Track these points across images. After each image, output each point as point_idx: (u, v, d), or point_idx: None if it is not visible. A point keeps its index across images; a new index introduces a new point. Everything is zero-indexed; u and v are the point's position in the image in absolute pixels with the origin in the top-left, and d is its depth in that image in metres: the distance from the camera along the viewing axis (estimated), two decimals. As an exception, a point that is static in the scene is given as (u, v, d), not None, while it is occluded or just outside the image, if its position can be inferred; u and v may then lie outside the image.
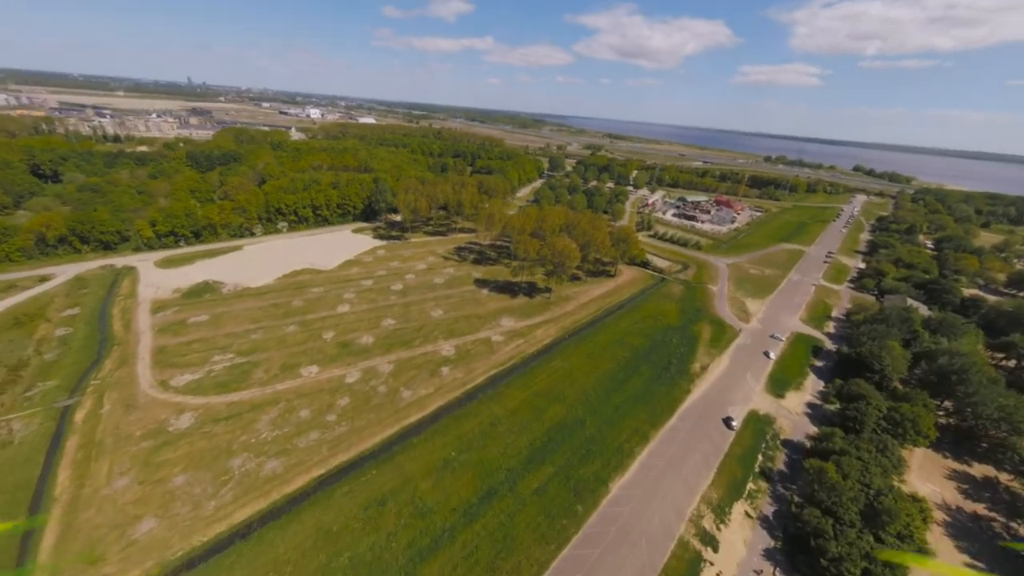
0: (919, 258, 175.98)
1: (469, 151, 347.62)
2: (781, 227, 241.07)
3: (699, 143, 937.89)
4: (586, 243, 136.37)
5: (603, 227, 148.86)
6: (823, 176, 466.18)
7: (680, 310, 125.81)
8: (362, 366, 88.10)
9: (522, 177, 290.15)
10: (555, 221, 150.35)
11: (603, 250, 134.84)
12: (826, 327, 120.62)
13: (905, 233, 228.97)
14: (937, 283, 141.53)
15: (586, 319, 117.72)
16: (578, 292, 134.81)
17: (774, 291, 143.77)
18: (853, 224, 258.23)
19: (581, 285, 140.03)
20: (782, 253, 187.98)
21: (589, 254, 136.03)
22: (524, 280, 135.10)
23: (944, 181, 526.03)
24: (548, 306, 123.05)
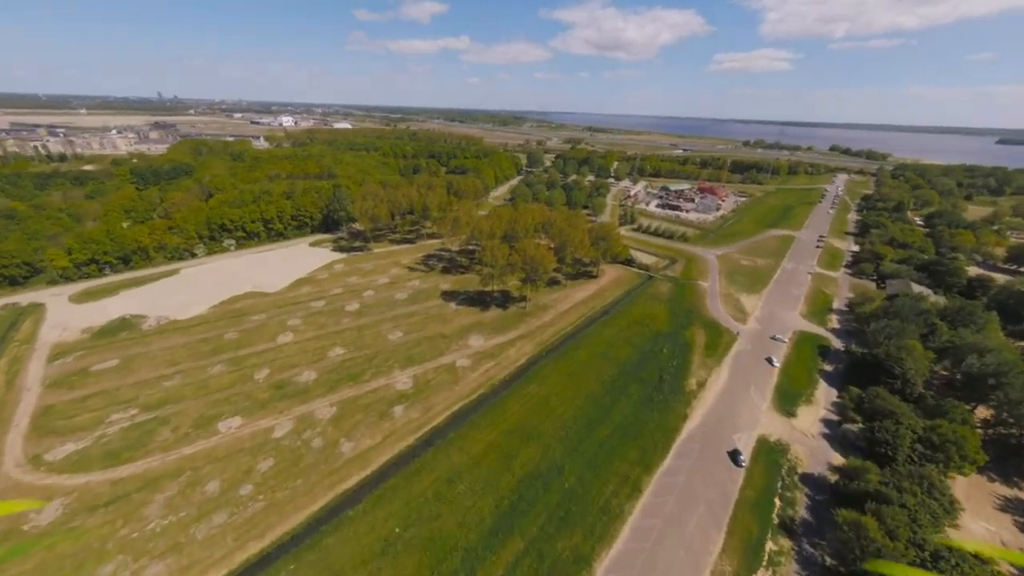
0: (913, 237, 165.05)
1: (444, 151, 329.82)
2: (767, 212, 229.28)
3: (678, 132, 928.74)
4: (563, 244, 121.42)
5: (581, 225, 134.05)
6: (803, 158, 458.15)
7: (670, 312, 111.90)
8: (297, 412, 72.14)
9: (499, 175, 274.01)
10: (529, 221, 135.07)
11: (582, 250, 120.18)
12: (829, 322, 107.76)
13: (893, 211, 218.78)
14: (940, 264, 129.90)
15: (566, 330, 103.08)
16: (557, 299, 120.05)
17: (769, 283, 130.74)
18: (839, 205, 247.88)
19: (560, 290, 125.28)
20: (772, 240, 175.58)
21: (566, 255, 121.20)
22: (497, 289, 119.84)
23: (919, 156, 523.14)
24: (523, 318, 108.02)
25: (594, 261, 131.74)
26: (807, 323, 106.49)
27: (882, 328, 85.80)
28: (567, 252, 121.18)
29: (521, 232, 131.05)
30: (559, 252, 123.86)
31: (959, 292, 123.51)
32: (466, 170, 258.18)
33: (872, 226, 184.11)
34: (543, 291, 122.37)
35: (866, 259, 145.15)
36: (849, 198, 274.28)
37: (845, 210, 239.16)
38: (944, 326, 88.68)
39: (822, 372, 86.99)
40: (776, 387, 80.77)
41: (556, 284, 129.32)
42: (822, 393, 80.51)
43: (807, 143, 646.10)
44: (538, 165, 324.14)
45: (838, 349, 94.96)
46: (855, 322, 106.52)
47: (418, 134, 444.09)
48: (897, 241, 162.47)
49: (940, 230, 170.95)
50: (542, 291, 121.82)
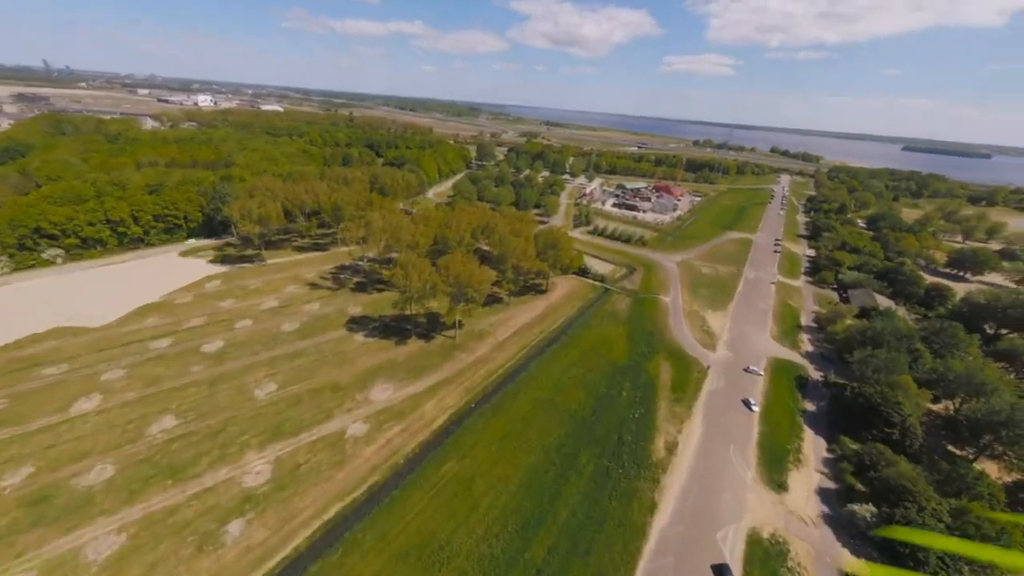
0: (862, 240, 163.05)
1: (383, 140, 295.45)
2: (723, 212, 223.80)
3: (634, 129, 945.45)
4: (503, 255, 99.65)
5: (527, 231, 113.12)
6: (749, 158, 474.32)
7: (629, 337, 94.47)
8: (53, 553, 44.15)
9: (443, 169, 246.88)
10: (465, 226, 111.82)
11: (526, 262, 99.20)
12: (801, 343, 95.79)
13: (837, 212, 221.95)
14: (899, 272, 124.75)
15: (505, 366, 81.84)
16: (497, 322, 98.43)
17: (734, 296, 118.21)
18: (788, 206, 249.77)
19: (502, 311, 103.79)
20: (730, 244, 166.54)
21: (508, 268, 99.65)
22: (421, 313, 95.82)
23: (845, 159, 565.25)
24: (451, 352, 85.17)
25: (543, 273, 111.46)
26: (779, 346, 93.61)
27: (867, 360, 73.11)
28: (508, 264, 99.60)
29: (454, 239, 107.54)
30: (499, 264, 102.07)
31: (917, 302, 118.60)
32: (405, 162, 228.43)
33: (823, 229, 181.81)
34: (480, 313, 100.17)
35: (825, 266, 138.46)
36: (795, 199, 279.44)
37: (793, 211, 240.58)
38: (927, 352, 78.23)
39: (805, 414, 72.97)
40: (758, 443, 64.87)
41: (497, 302, 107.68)
42: (810, 446, 65.90)
43: (750, 144, 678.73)
44: (489, 159, 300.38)
45: (816, 380, 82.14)
46: (827, 343, 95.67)
47: (356, 120, 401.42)
48: (849, 245, 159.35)
49: (885, 233, 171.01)
50: (479, 313, 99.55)
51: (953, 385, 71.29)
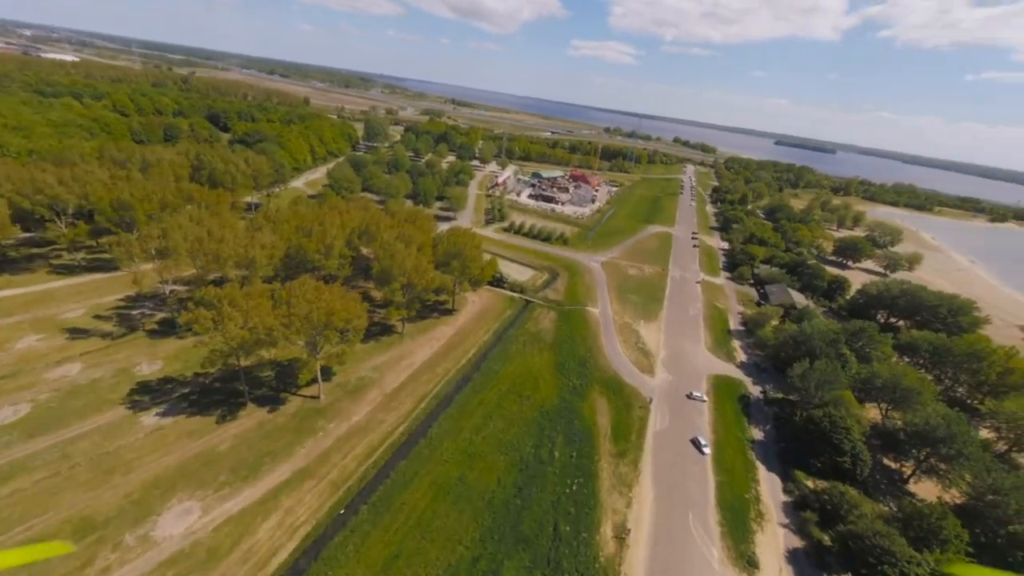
0: (766, 232, 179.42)
1: (231, 111, 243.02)
2: (640, 204, 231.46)
3: (545, 113, 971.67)
4: (388, 270, 79.01)
5: (422, 236, 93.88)
6: (658, 148, 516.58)
7: (557, 367, 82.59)
8: None
9: (319, 150, 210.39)
10: (337, 231, 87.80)
11: (420, 278, 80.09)
12: (735, 352, 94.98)
13: (739, 203, 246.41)
14: (804, 265, 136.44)
15: (394, 436, 62.90)
16: (385, 365, 78.04)
17: (663, 300, 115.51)
18: (697, 197, 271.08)
19: (394, 346, 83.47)
20: (652, 239, 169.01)
21: (395, 291, 79.15)
22: (264, 363, 70.47)
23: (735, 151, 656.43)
24: (312, 422, 62.76)
25: (447, 290, 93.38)
26: (716, 359, 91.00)
27: (807, 375, 71.70)
28: (397, 283, 79.37)
29: (316, 252, 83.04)
30: (383, 283, 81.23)
31: (822, 294, 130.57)
32: (262, 139, 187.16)
33: (732, 221, 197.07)
34: (360, 354, 78.56)
35: (741, 260, 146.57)
36: (702, 189, 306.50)
37: (703, 202, 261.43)
38: (852, 356, 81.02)
39: (754, 445, 68.75)
40: (717, 501, 57.32)
41: (388, 333, 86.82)
42: (767, 489, 60.81)
43: (656, 134, 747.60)
44: (381, 139, 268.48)
45: (757, 398, 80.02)
46: (758, 349, 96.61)
47: (194, 83, 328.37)
48: (756, 237, 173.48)
49: (783, 224, 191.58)
50: (357, 355, 77.85)
51: (880, 391, 73.63)
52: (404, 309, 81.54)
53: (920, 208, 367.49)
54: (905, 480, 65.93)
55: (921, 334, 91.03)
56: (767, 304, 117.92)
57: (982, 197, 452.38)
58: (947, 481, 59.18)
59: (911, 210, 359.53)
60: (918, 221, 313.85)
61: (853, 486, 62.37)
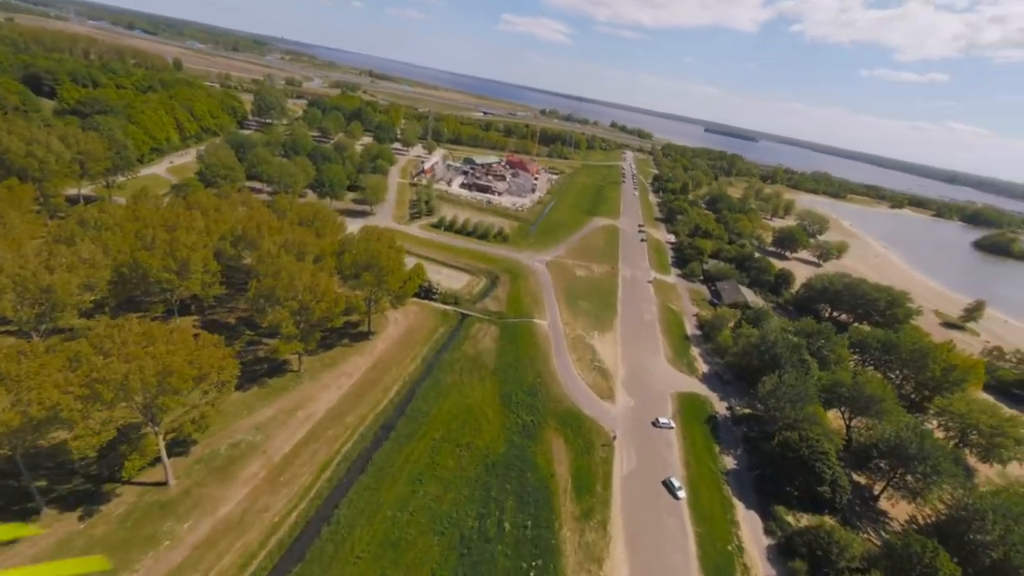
0: (710, 223, 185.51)
1: (62, 71, 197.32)
2: (583, 193, 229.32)
3: (476, 92, 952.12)
4: (270, 294, 62.62)
5: (322, 243, 77.84)
6: (596, 132, 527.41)
7: (502, 399, 72.71)
8: None
9: (189, 127, 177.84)
10: (194, 241, 68.56)
11: (318, 302, 64.78)
12: (696, 364, 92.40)
13: (680, 192, 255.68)
14: (751, 259, 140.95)
15: (281, 533, 48.66)
16: (271, 423, 62.27)
17: (616, 306, 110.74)
18: (639, 185, 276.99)
19: (287, 390, 67.49)
20: (599, 233, 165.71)
21: (284, 321, 63.01)
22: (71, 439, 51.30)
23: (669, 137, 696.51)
24: (154, 526, 46.28)
25: (357, 309, 78.32)
26: (678, 374, 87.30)
27: (776, 392, 69.47)
28: (284, 309, 63.28)
29: (161, 271, 63.72)
30: (263, 309, 64.66)
31: (769, 289, 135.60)
32: (107, 111, 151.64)
33: (677, 212, 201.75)
34: (240, 404, 61.82)
35: (690, 256, 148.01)
36: (643, 177, 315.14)
37: (645, 191, 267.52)
38: (814, 363, 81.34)
39: (728, 478, 64.80)
40: (701, 564, 51.29)
41: (281, 372, 70.32)
42: (749, 535, 56.52)
43: (593, 118, 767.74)
44: (277, 115, 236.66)
45: (723, 416, 77.08)
46: (718, 356, 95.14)
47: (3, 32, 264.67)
48: (701, 229, 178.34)
49: (725, 215, 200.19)
50: (236, 405, 61.13)
51: (844, 400, 73.98)
52: (298, 342, 65.78)
53: (835, 196, 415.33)
54: (875, 498, 66.15)
55: (871, 332, 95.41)
56: (720, 304, 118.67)
57: (882, 185, 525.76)
58: (920, 500, 59.23)
59: (828, 197, 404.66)
60: (834, 208, 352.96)
61: (832, 514, 60.72)
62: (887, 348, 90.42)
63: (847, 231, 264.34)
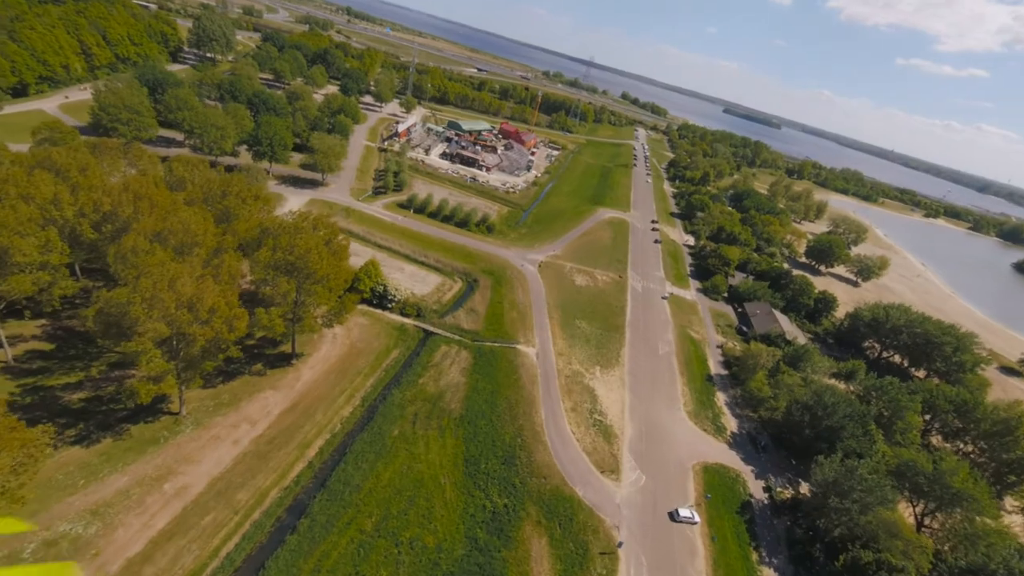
0: (735, 225, 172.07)
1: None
2: (587, 176, 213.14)
3: (471, 44, 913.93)
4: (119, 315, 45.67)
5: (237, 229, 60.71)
6: (606, 103, 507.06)
7: (467, 468, 58.39)
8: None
9: (100, 55, 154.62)
10: (27, 218, 50.72)
11: (197, 324, 48.21)
12: (723, 418, 79.19)
13: (700, 183, 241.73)
14: (787, 277, 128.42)
15: None
16: (117, 503, 46.64)
17: (624, 331, 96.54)
18: (652, 170, 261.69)
19: (153, 449, 51.52)
20: (605, 228, 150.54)
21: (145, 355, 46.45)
22: None
23: (684, 116, 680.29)
24: None
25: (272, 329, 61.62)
26: (700, 434, 73.90)
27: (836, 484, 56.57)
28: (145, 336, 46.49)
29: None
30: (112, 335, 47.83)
31: (806, 315, 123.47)
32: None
33: (697, 207, 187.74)
34: (78, 465, 45.86)
35: (713, 267, 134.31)
36: (657, 161, 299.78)
37: (659, 178, 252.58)
38: (879, 435, 68.79)
39: (770, 603, 51.78)
40: None
41: (152, 415, 53.91)
42: None
43: (602, 87, 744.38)
44: (220, 49, 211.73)
45: (762, 504, 64.07)
46: (748, 407, 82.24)
47: None
48: (725, 231, 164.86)
49: (753, 216, 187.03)
50: (71, 468, 45.18)
51: (919, 490, 61.84)
52: (170, 380, 49.38)
53: (866, 199, 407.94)
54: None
55: (944, 390, 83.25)
56: (751, 333, 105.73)
57: (916, 189, 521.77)
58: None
59: (858, 200, 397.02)
60: (866, 213, 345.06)
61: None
62: (961, 412, 78.75)
63: (883, 242, 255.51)
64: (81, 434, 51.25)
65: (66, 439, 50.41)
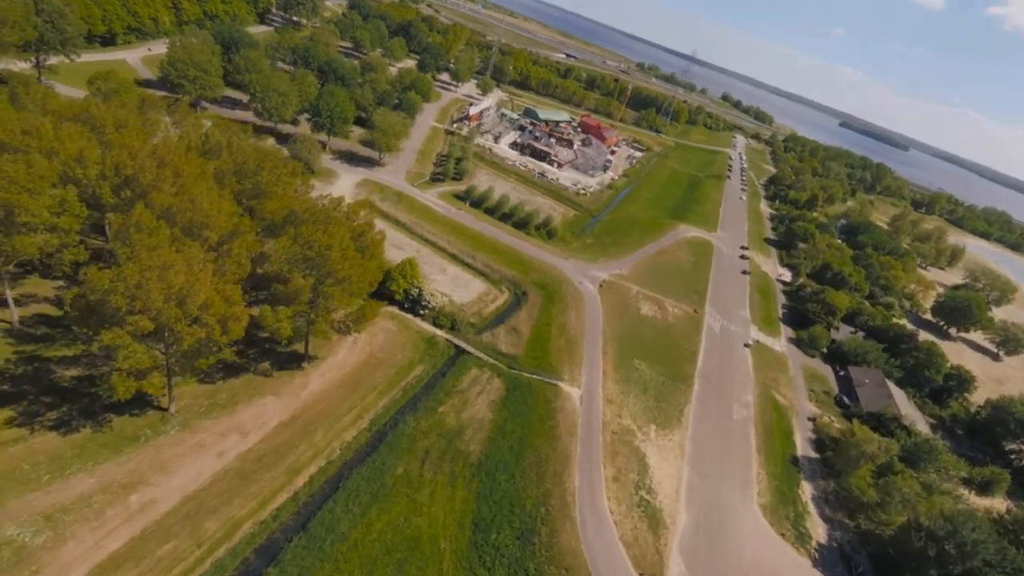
0: (845, 263, 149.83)
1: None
2: (671, 184, 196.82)
3: (563, 28, 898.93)
4: (99, 302, 41.32)
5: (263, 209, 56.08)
6: (704, 103, 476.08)
7: (474, 532, 50.72)
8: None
9: (190, 10, 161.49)
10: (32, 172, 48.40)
11: (185, 322, 43.08)
12: (807, 524, 64.73)
13: (806, 206, 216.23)
14: (909, 341, 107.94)
15: None
16: (83, 509, 43.11)
17: (693, 382, 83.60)
18: (748, 185, 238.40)
19: (137, 445, 47.86)
20: (683, 249, 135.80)
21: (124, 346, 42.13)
22: None
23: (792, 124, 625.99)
24: None
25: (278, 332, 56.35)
26: (777, 541, 60.47)
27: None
28: (128, 324, 42.02)
29: None
30: (91, 323, 43.83)
31: (930, 395, 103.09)
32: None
33: (799, 236, 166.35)
34: (52, 454, 42.69)
35: (814, 314, 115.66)
36: (754, 174, 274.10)
37: (756, 196, 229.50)
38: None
39: None
40: None
41: (138, 407, 50.38)
42: None
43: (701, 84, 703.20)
44: (308, 13, 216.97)
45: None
46: (843, 511, 67.27)
47: None
48: (832, 270, 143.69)
49: (869, 255, 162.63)
50: (48, 454, 41.97)
51: None
52: (156, 377, 45.06)
53: (1014, 247, 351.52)
54: None
55: None
56: (854, 408, 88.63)
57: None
58: None
59: (1004, 247, 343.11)
60: (1012, 264, 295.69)
61: None
62: None
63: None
64: (62, 419, 48.49)
65: (45, 423, 47.82)
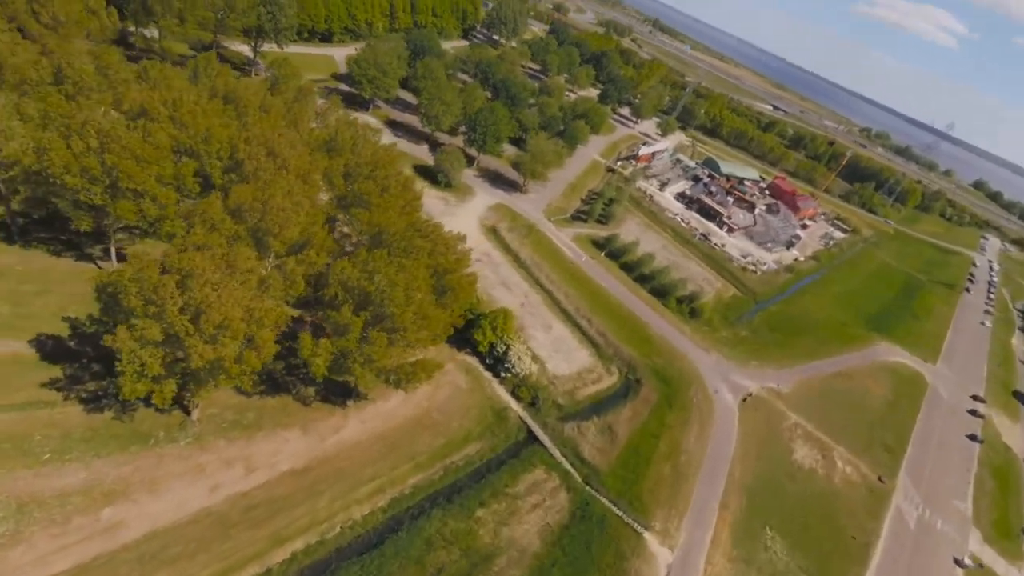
0: None
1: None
2: (876, 282, 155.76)
3: (778, 79, 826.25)
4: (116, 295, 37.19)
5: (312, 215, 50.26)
6: (946, 187, 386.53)
7: None
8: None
9: (403, 18, 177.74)
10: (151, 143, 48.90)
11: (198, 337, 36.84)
12: None
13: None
14: None
15: None
16: (57, 507, 39.72)
17: (853, 597, 56.34)
18: (999, 309, 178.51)
19: (143, 449, 44.34)
20: (877, 376, 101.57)
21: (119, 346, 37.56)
22: None
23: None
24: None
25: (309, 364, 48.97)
26: None
27: None
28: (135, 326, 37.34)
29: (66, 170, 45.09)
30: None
31: None
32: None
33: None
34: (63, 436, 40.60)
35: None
36: (1009, 294, 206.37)
37: (1007, 327, 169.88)
38: None
39: None
40: None
41: (175, 406, 47.21)
42: None
43: (946, 165, 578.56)
44: (509, 33, 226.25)
45: None
46: None
47: None
48: None
49: None
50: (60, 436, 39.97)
51: None
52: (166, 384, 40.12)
53: None
54: None
55: None
56: None
57: None
58: None
59: None
60: None
61: None
62: None
63: None
64: (94, 393, 47.19)
65: (80, 392, 46.89)
